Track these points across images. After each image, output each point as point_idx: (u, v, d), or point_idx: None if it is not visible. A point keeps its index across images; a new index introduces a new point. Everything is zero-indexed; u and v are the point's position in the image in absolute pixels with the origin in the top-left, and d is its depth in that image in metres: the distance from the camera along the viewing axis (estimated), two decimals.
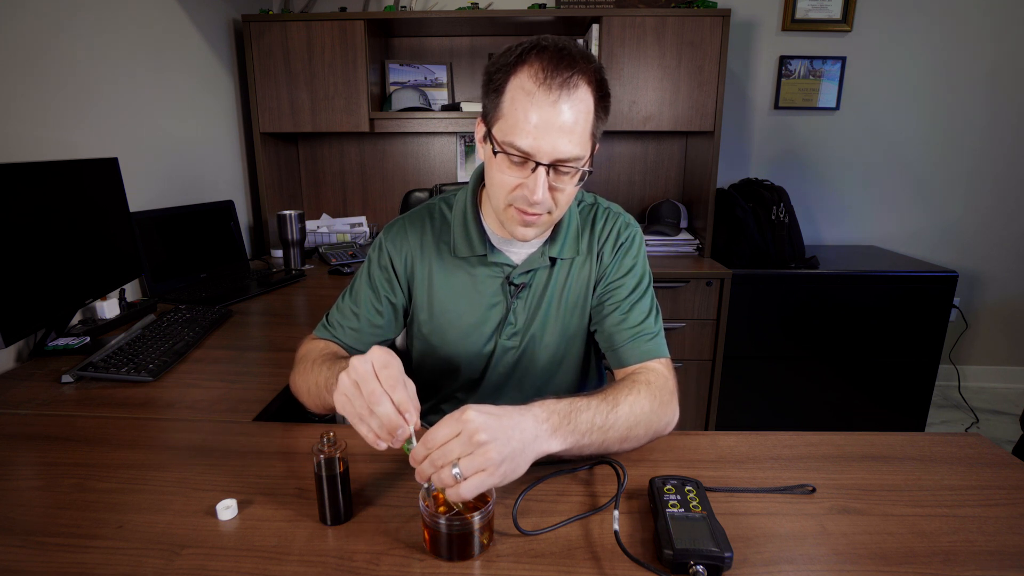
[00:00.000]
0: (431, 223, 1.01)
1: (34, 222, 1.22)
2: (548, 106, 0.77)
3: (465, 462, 0.62)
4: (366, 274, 1.02)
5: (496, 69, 0.82)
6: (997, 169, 2.67)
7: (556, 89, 0.77)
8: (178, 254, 1.85)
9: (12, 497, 0.75)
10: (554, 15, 2.27)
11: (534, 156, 0.79)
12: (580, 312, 1.00)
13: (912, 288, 2.24)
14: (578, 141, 0.80)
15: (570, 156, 0.80)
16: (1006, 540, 0.67)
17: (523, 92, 0.78)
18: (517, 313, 0.99)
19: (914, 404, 2.36)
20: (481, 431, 0.62)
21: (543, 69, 0.77)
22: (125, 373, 1.13)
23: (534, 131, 0.78)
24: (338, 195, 2.72)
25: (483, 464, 0.62)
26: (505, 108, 0.80)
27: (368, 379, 0.66)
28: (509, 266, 0.97)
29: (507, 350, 1.00)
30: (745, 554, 0.64)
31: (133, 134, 1.74)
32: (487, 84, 0.83)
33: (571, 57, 0.78)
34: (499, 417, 0.65)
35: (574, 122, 0.79)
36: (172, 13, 1.93)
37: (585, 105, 0.80)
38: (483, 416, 0.64)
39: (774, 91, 2.61)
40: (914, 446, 0.87)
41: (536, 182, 0.80)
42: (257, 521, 0.70)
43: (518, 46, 0.81)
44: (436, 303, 1.00)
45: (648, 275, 1.00)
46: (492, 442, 0.63)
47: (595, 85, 0.81)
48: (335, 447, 0.69)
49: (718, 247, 2.39)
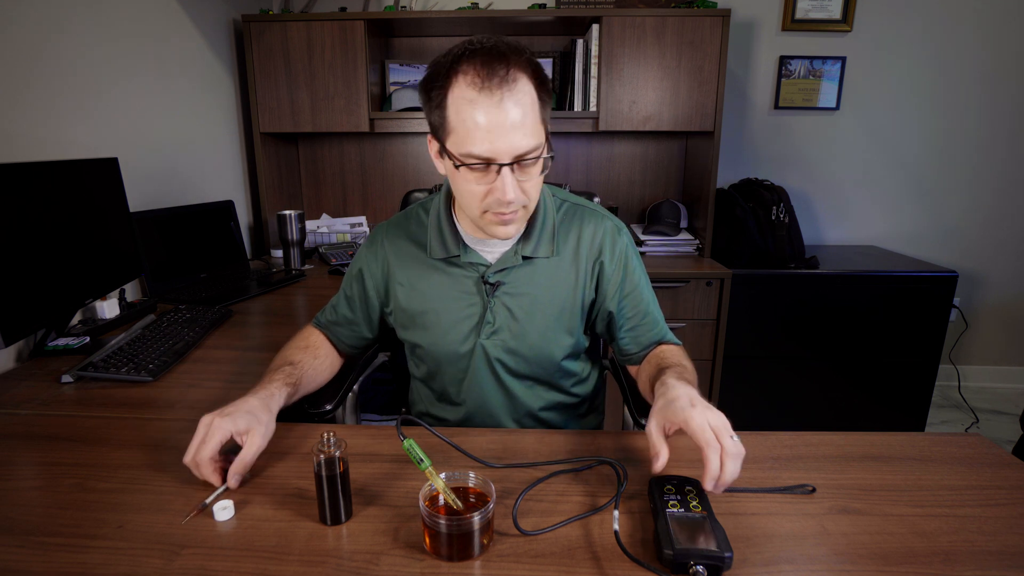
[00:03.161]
0: (409, 227, 1.04)
1: (34, 222, 1.22)
2: (493, 108, 0.78)
3: (725, 436, 0.69)
4: (348, 277, 1.09)
5: (431, 85, 0.82)
6: (997, 169, 2.67)
7: (496, 89, 0.78)
8: (178, 254, 1.85)
9: (12, 497, 0.75)
10: (554, 15, 2.27)
11: (494, 159, 0.81)
12: (569, 313, 1.01)
13: (912, 288, 2.24)
14: (531, 132, 0.81)
15: (528, 149, 0.81)
16: (1006, 540, 0.67)
17: (465, 101, 0.79)
18: (495, 312, 0.99)
19: (914, 404, 2.36)
20: (713, 417, 0.71)
21: (478, 74, 0.78)
22: (125, 373, 1.13)
23: (488, 135, 0.79)
24: (338, 195, 2.72)
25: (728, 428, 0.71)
26: (452, 121, 0.81)
27: (196, 436, 0.76)
28: (483, 265, 0.98)
29: (489, 347, 1.00)
30: (745, 554, 0.64)
31: (133, 134, 1.74)
32: (427, 102, 0.84)
33: (501, 54, 0.79)
34: (703, 404, 0.74)
35: (523, 115, 0.79)
36: (172, 13, 1.93)
37: (528, 96, 0.80)
38: (702, 405, 0.73)
39: (774, 91, 2.61)
40: (914, 446, 0.87)
41: (504, 183, 0.82)
42: (257, 521, 0.70)
43: (447, 56, 0.81)
44: (415, 304, 1.02)
45: (645, 273, 1.07)
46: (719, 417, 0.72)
47: (531, 73, 0.81)
48: (335, 447, 0.69)
49: (718, 247, 2.39)
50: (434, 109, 0.83)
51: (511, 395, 1.04)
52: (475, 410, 1.05)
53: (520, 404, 1.05)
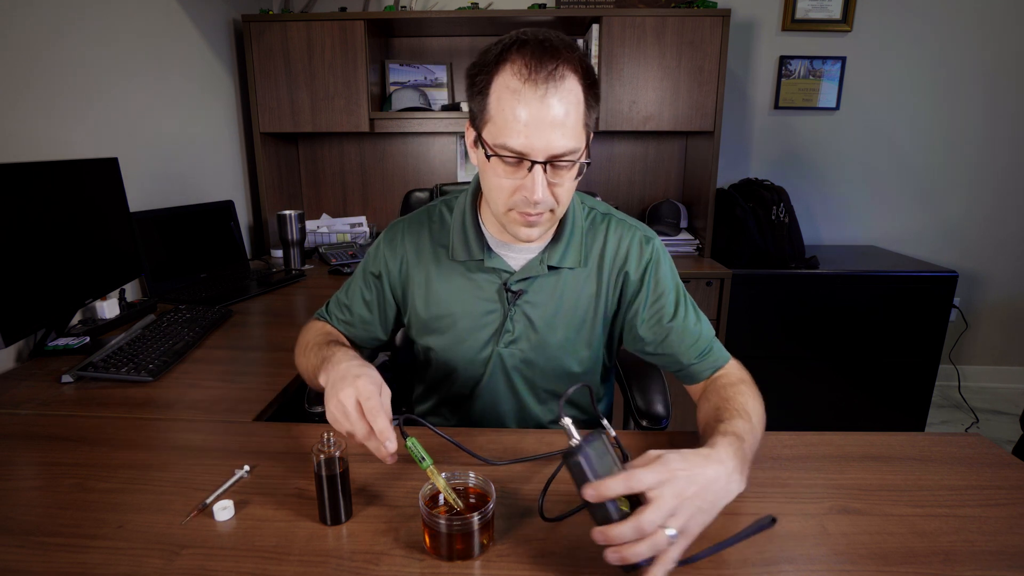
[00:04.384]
0: (430, 225, 0.99)
1: (34, 222, 1.22)
2: (536, 102, 0.74)
3: (672, 523, 0.58)
4: (361, 274, 1.03)
5: (478, 71, 0.79)
6: (997, 169, 2.67)
7: (543, 83, 0.74)
8: (178, 254, 1.85)
9: (12, 497, 0.75)
10: (554, 15, 2.27)
11: (528, 155, 0.77)
12: (590, 325, 0.97)
13: (912, 288, 2.24)
14: (571, 134, 0.77)
15: (565, 150, 0.77)
16: (1006, 540, 0.67)
17: (509, 91, 0.75)
18: (515, 320, 0.95)
19: (914, 404, 2.36)
20: (691, 485, 0.60)
21: (526, 64, 0.74)
22: (125, 373, 1.13)
23: (525, 129, 0.75)
24: (338, 195, 2.72)
25: (687, 528, 0.59)
26: (492, 110, 0.77)
27: (349, 415, 0.71)
28: (507, 272, 0.94)
29: (506, 356, 0.98)
30: (745, 554, 0.64)
31: (133, 134, 1.74)
32: (470, 87, 0.80)
33: (554, 48, 0.75)
34: (701, 470, 0.62)
35: (565, 114, 0.75)
36: (172, 13, 1.93)
37: (574, 96, 0.76)
38: (686, 467, 0.61)
39: (774, 91, 2.61)
40: (914, 446, 0.87)
41: (534, 182, 0.78)
42: (257, 521, 0.70)
43: (498, 43, 0.78)
44: (432, 307, 0.98)
45: (680, 283, 0.97)
46: (698, 509, 0.60)
47: (582, 73, 0.77)
48: (335, 447, 0.69)
49: (718, 247, 2.39)
50: (476, 95, 0.79)
51: (523, 405, 1.02)
52: (482, 416, 1.03)
53: (530, 415, 1.03)
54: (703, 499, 0.60)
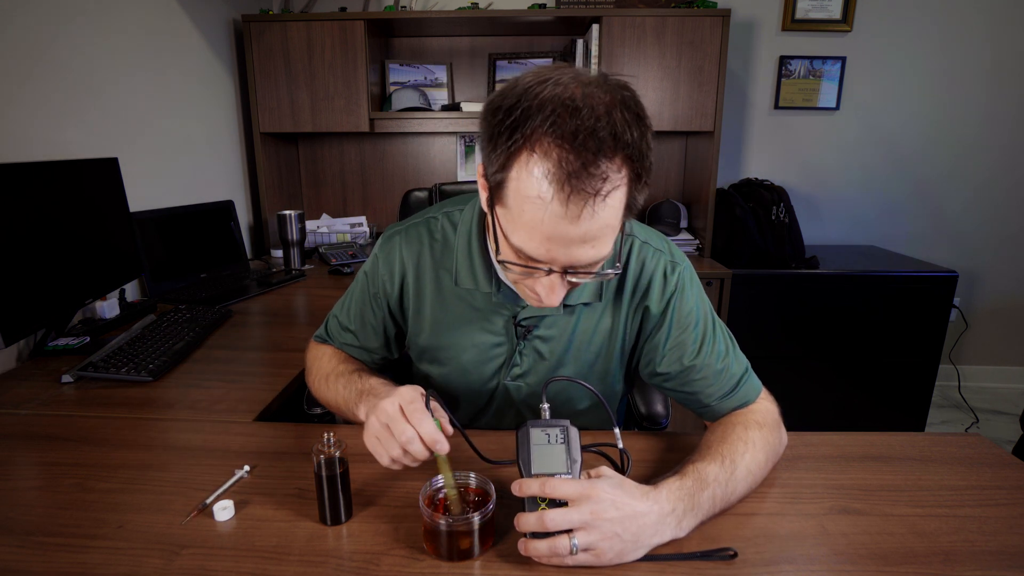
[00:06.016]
0: (431, 243, 0.89)
1: (34, 222, 1.22)
2: (566, 222, 0.60)
3: (581, 536, 0.60)
4: (359, 295, 0.96)
5: (499, 130, 0.62)
6: (997, 169, 2.67)
7: (578, 201, 0.59)
8: (178, 254, 1.85)
9: (12, 497, 0.75)
10: (554, 15, 2.27)
11: (546, 264, 0.65)
12: (604, 358, 0.90)
13: (912, 288, 2.24)
14: (604, 244, 0.64)
15: (592, 261, 0.65)
16: (1006, 540, 0.67)
17: (533, 195, 0.60)
18: (524, 355, 0.89)
19: (914, 404, 2.36)
20: (612, 510, 0.61)
21: (560, 166, 0.58)
22: (125, 373, 1.13)
23: (547, 243, 0.63)
24: (338, 195, 2.72)
25: (597, 546, 0.60)
26: (510, 199, 0.63)
27: (396, 420, 0.69)
28: (517, 307, 0.86)
29: (512, 389, 0.92)
30: (745, 554, 0.64)
31: (133, 134, 1.74)
32: (488, 138, 0.64)
33: (598, 142, 0.58)
34: (631, 501, 0.62)
35: (600, 231, 0.62)
36: (172, 13, 1.93)
37: (615, 212, 0.62)
38: (616, 495, 0.62)
39: (774, 91, 2.61)
40: (914, 446, 0.87)
41: (551, 289, 0.68)
42: (257, 521, 0.70)
43: (531, 96, 0.60)
44: (433, 337, 0.91)
45: (710, 311, 0.87)
46: (614, 534, 0.61)
47: (629, 176, 0.62)
48: (335, 447, 0.69)
49: (718, 247, 2.39)
50: (491, 153, 0.63)
51: None
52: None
53: None
54: (624, 527, 0.61)
